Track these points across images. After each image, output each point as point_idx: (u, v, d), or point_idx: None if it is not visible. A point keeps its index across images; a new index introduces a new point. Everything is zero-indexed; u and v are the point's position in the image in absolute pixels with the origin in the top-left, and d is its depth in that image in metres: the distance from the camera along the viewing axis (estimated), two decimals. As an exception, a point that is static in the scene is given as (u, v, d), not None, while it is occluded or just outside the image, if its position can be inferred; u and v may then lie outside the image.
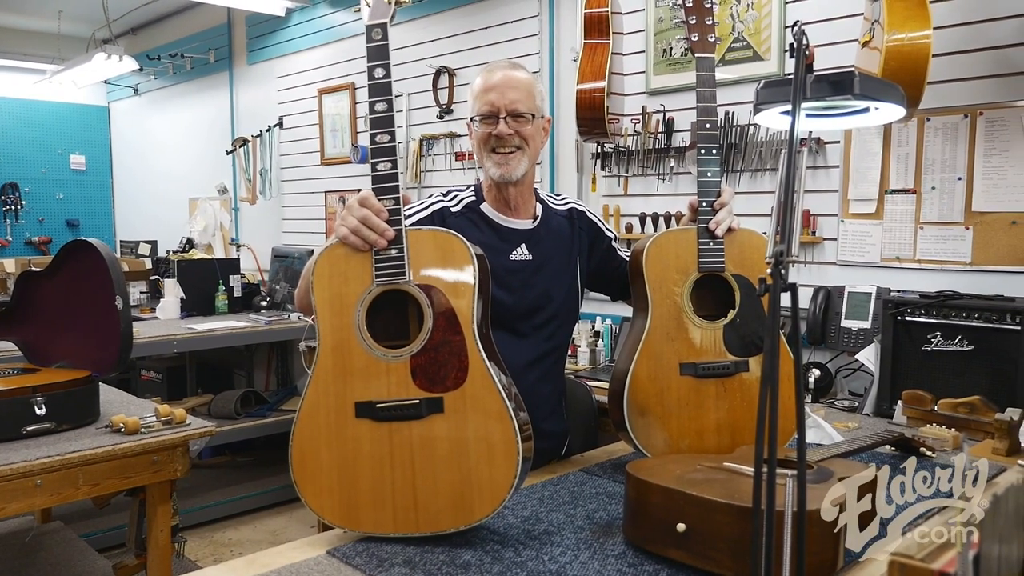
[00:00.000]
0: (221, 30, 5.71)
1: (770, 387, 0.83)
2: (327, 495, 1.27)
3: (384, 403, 1.27)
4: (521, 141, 1.71)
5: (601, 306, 3.35)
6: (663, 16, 3.18)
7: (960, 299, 2.17)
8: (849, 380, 2.60)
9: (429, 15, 4.17)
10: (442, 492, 1.26)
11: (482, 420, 1.27)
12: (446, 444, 1.27)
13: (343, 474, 1.27)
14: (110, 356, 2.27)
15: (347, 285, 1.31)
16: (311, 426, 1.28)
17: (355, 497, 1.27)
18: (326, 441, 1.27)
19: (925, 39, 2.08)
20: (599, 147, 3.39)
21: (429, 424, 1.27)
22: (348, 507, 1.27)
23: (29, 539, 3.03)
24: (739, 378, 1.60)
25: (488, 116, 1.71)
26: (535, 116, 1.73)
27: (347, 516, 1.27)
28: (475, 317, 1.31)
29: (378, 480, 1.26)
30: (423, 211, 1.76)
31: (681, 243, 1.64)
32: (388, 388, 1.27)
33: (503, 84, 1.71)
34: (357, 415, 1.27)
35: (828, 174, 2.76)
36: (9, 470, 1.87)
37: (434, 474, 1.26)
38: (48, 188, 6.97)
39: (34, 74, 6.46)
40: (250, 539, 3.87)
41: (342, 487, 1.27)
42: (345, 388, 1.28)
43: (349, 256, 1.31)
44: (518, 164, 1.71)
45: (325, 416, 1.28)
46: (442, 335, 1.29)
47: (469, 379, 1.28)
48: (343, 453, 1.27)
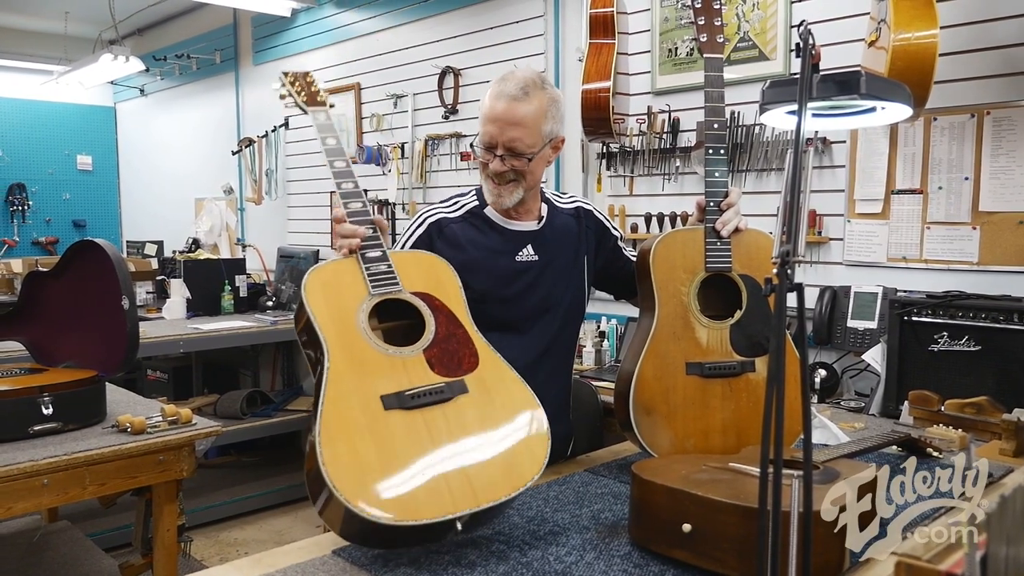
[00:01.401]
0: (227, 31, 5.73)
1: (776, 387, 0.83)
2: (378, 496, 1.18)
3: (411, 391, 1.28)
4: (517, 175, 1.67)
5: (606, 306, 3.35)
6: (668, 16, 3.18)
7: (967, 299, 2.17)
8: (855, 380, 2.60)
9: (435, 15, 4.17)
10: (490, 461, 1.27)
11: (505, 391, 1.36)
12: (479, 418, 1.31)
13: (390, 470, 1.21)
14: (116, 356, 2.28)
15: (343, 299, 1.37)
16: (342, 429, 1.21)
17: (409, 489, 1.20)
18: (361, 440, 1.22)
19: (932, 38, 2.07)
20: (604, 147, 3.38)
21: (457, 405, 1.31)
22: (406, 501, 1.18)
23: (36, 538, 3.04)
24: (745, 378, 1.60)
25: (487, 147, 1.68)
26: (537, 152, 1.67)
27: (407, 508, 1.18)
28: (468, 313, 1.45)
29: (426, 466, 1.23)
30: (416, 231, 1.76)
31: (688, 243, 1.63)
32: (410, 380, 1.30)
33: (504, 119, 1.63)
34: (386, 408, 1.26)
35: (834, 174, 2.75)
36: (16, 469, 1.87)
37: (477, 447, 1.28)
38: (55, 188, 6.99)
39: (41, 75, 6.49)
40: (256, 539, 3.87)
41: (393, 482, 1.20)
42: (366, 387, 1.27)
43: (338, 274, 1.42)
44: (511, 195, 1.69)
45: (353, 416, 1.24)
46: (446, 329, 1.39)
47: (481, 362, 1.38)
48: (383, 447, 1.23)
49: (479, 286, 1.72)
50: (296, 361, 5.09)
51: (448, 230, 1.74)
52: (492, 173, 1.68)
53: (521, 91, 1.64)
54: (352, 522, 1.16)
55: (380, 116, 4.50)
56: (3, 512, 1.88)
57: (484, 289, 1.71)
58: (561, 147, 1.77)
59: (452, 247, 1.73)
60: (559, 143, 1.75)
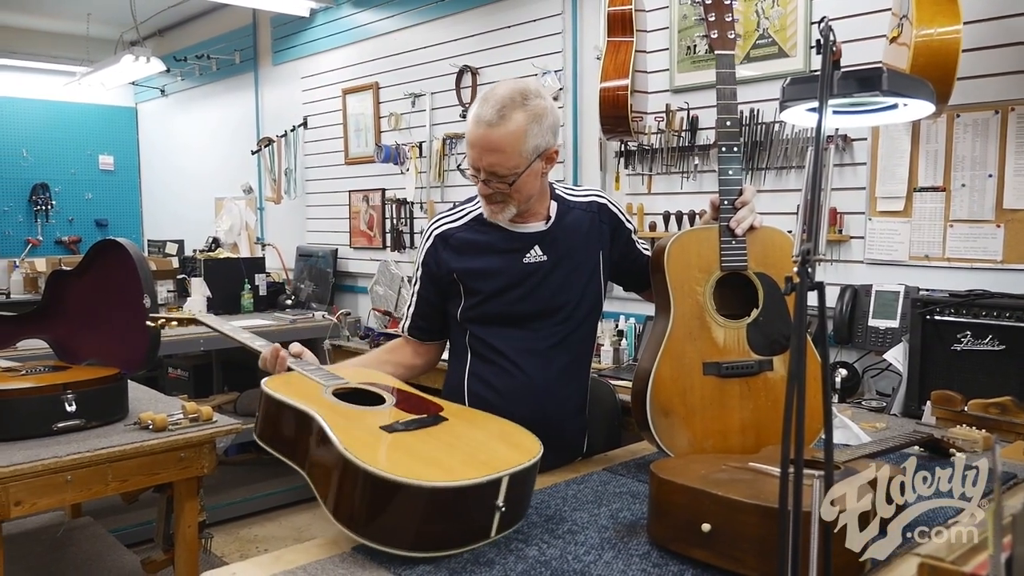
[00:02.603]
0: (246, 31, 5.77)
1: (797, 387, 0.83)
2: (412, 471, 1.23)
3: (404, 420, 1.45)
4: (504, 196, 1.66)
5: (624, 305, 3.34)
6: (687, 13, 3.16)
7: (991, 298, 2.14)
8: (877, 380, 2.57)
9: (452, 14, 4.17)
10: (497, 446, 1.40)
11: (481, 415, 1.59)
12: (472, 428, 1.48)
13: (415, 458, 1.31)
14: (138, 354, 2.30)
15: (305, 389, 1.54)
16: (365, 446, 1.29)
17: (437, 466, 1.28)
18: (381, 449, 1.32)
19: (955, 34, 2.04)
20: (623, 145, 3.37)
21: (446, 425, 1.47)
22: (440, 473, 1.24)
23: (60, 533, 3.08)
24: (763, 377, 1.59)
25: (473, 168, 1.66)
26: (521, 171, 1.62)
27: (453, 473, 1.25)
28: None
29: (443, 451, 1.34)
30: (425, 246, 1.80)
31: (703, 242, 1.62)
32: (397, 417, 1.47)
33: (482, 144, 1.60)
34: (390, 432, 1.39)
35: (855, 171, 2.73)
36: (40, 466, 1.90)
37: (480, 440, 1.42)
38: (77, 188, 7.07)
39: (63, 76, 6.56)
40: (275, 535, 3.90)
41: (423, 464, 1.27)
42: (364, 425, 1.41)
43: (293, 378, 1.63)
44: (502, 212, 1.69)
45: (366, 439, 1.35)
46: (403, 395, 1.62)
47: (447, 406, 1.58)
48: (402, 450, 1.34)
49: (488, 289, 1.72)
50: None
51: (453, 239, 1.75)
52: (480, 194, 1.69)
53: (497, 115, 1.58)
54: (407, 512, 1.18)
55: (398, 115, 4.51)
56: (27, 508, 1.91)
57: (494, 291, 1.72)
58: (556, 157, 1.70)
59: (459, 255, 1.74)
60: (552, 154, 1.68)
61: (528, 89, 1.63)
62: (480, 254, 1.74)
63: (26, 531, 3.08)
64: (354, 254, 4.93)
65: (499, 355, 1.73)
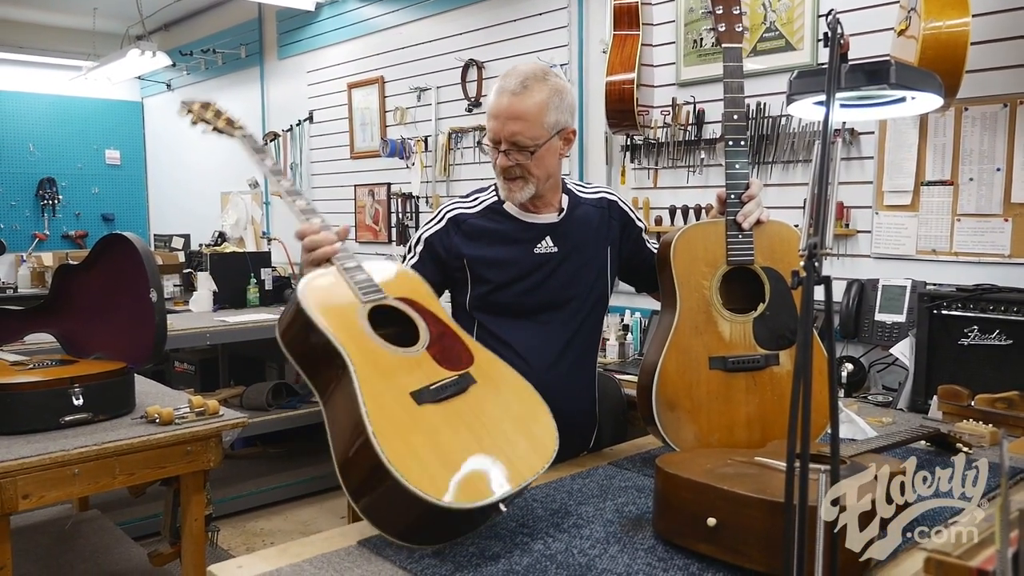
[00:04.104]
0: (252, 25, 5.77)
1: (803, 382, 0.82)
2: (445, 484, 1.19)
3: (434, 385, 1.33)
4: (523, 171, 1.67)
5: (630, 299, 3.34)
6: (693, 6, 3.15)
7: (998, 292, 2.13)
8: (883, 375, 2.57)
9: (458, 8, 4.17)
10: (519, 441, 1.33)
11: (505, 377, 1.45)
12: (496, 404, 1.38)
13: (445, 459, 1.23)
14: (145, 348, 2.31)
15: (342, 308, 1.41)
16: (392, 425, 1.23)
17: (466, 474, 1.22)
18: (412, 434, 1.24)
19: (963, 27, 2.03)
20: (628, 139, 3.37)
21: (474, 395, 1.37)
22: (467, 485, 1.20)
23: (67, 527, 3.09)
24: (769, 372, 1.58)
25: (492, 142, 1.69)
26: (541, 143, 1.65)
27: (471, 491, 1.20)
28: (446, 313, 1.53)
29: (467, 448, 1.28)
30: (435, 226, 1.78)
31: (709, 236, 1.62)
32: (427, 376, 1.34)
33: (506, 113, 1.64)
34: (419, 403, 1.29)
35: (862, 165, 2.72)
36: (48, 459, 1.91)
37: (504, 430, 1.34)
38: (84, 183, 7.09)
39: (70, 71, 6.58)
40: (281, 529, 3.91)
41: (452, 470, 1.21)
42: (394, 385, 1.30)
43: (330, 284, 1.45)
44: (520, 190, 1.69)
45: (395, 413, 1.27)
46: (436, 329, 1.45)
47: (475, 355, 1.45)
48: (432, 439, 1.26)
49: (498, 279, 1.72)
50: (321, 353, 5.12)
51: (466, 224, 1.76)
52: (499, 169, 1.69)
53: (520, 85, 1.64)
54: (411, 515, 1.16)
55: (404, 109, 4.51)
56: (35, 501, 1.92)
57: (503, 281, 1.72)
58: (573, 139, 1.75)
59: (471, 241, 1.74)
60: (570, 135, 1.72)
61: (548, 69, 1.72)
62: (492, 243, 1.74)
63: (34, 524, 3.09)
64: (360, 249, 4.93)
65: (507, 348, 1.73)
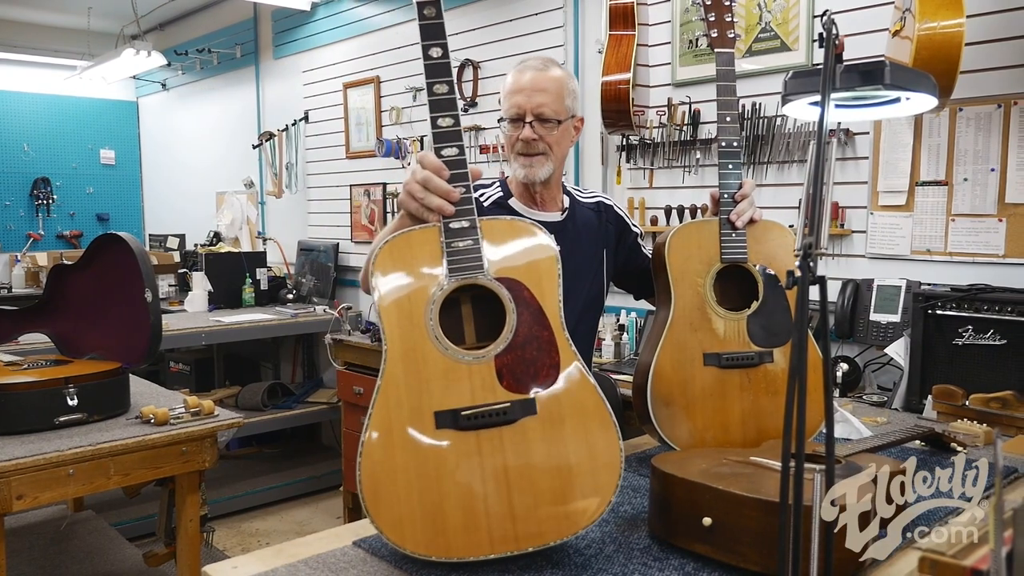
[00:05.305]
0: (247, 25, 5.75)
1: (798, 381, 0.83)
2: (408, 523, 1.09)
3: (469, 410, 1.12)
4: (546, 147, 1.72)
5: (625, 300, 3.32)
6: (689, 7, 3.15)
7: (992, 292, 2.14)
8: (878, 374, 2.57)
9: (453, 8, 4.16)
10: (542, 501, 1.13)
11: (580, 419, 1.17)
12: (542, 448, 1.14)
13: (426, 496, 1.10)
14: (140, 348, 2.31)
15: (414, 282, 1.17)
16: (384, 445, 1.10)
17: (442, 521, 1.10)
18: (402, 461, 1.10)
19: (958, 27, 2.04)
20: (624, 139, 3.37)
21: (521, 429, 1.14)
22: (435, 533, 1.09)
23: (62, 527, 3.09)
24: (763, 369, 1.59)
25: (515, 119, 1.72)
26: (562, 120, 1.73)
27: (433, 543, 1.09)
28: (561, 311, 1.21)
29: (468, 497, 1.11)
30: None
31: (704, 234, 1.64)
32: (472, 394, 1.14)
33: (531, 86, 1.71)
34: (438, 427, 1.12)
35: (857, 166, 2.72)
36: (43, 460, 1.90)
37: (533, 483, 1.13)
38: (79, 183, 7.06)
39: (64, 70, 6.55)
40: (277, 529, 3.91)
41: (425, 511, 1.10)
42: (420, 398, 1.13)
43: (415, 247, 1.17)
44: (542, 167, 1.73)
45: (400, 432, 1.11)
46: (528, 330, 1.18)
47: (561, 376, 1.18)
48: (424, 472, 1.11)
49: None
50: (316, 353, 5.12)
51: None
52: (523, 140, 1.71)
53: (543, 63, 1.76)
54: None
55: (399, 109, 4.51)
56: (30, 501, 1.91)
57: None
58: (581, 127, 1.84)
59: None
60: (579, 123, 1.82)
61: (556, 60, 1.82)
62: None
63: (28, 525, 3.09)
64: (355, 248, 4.93)
65: None
